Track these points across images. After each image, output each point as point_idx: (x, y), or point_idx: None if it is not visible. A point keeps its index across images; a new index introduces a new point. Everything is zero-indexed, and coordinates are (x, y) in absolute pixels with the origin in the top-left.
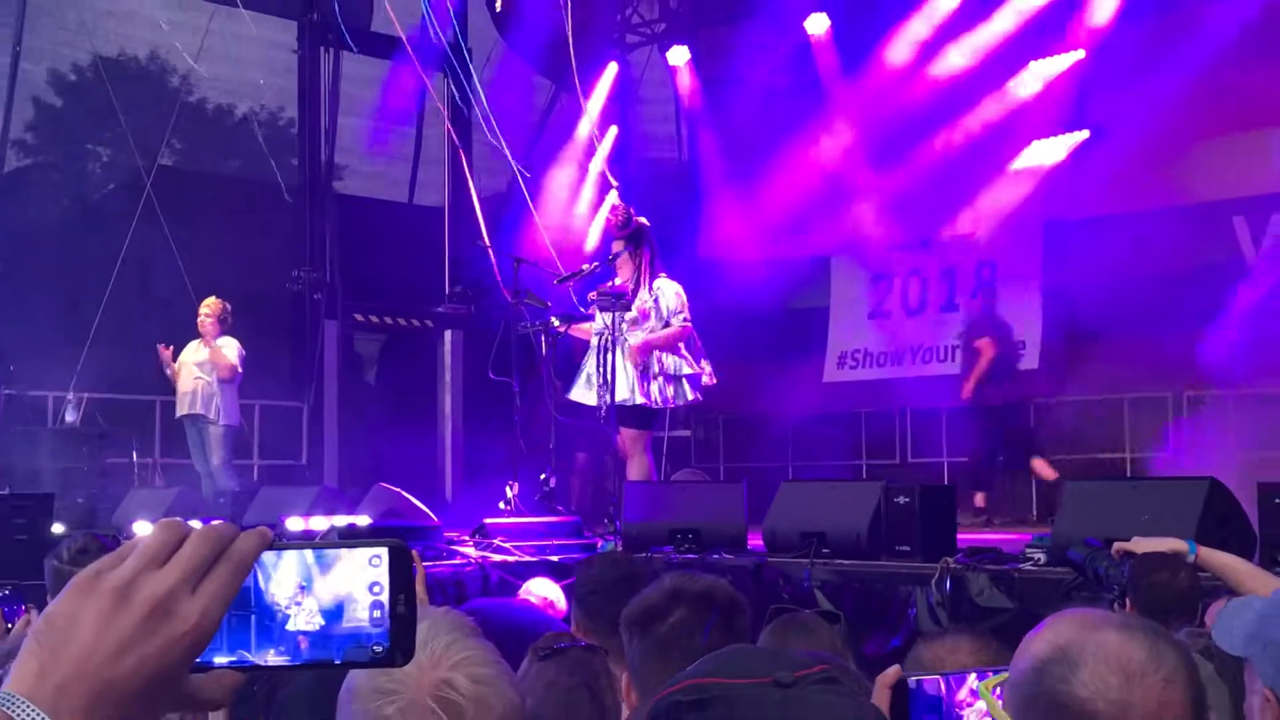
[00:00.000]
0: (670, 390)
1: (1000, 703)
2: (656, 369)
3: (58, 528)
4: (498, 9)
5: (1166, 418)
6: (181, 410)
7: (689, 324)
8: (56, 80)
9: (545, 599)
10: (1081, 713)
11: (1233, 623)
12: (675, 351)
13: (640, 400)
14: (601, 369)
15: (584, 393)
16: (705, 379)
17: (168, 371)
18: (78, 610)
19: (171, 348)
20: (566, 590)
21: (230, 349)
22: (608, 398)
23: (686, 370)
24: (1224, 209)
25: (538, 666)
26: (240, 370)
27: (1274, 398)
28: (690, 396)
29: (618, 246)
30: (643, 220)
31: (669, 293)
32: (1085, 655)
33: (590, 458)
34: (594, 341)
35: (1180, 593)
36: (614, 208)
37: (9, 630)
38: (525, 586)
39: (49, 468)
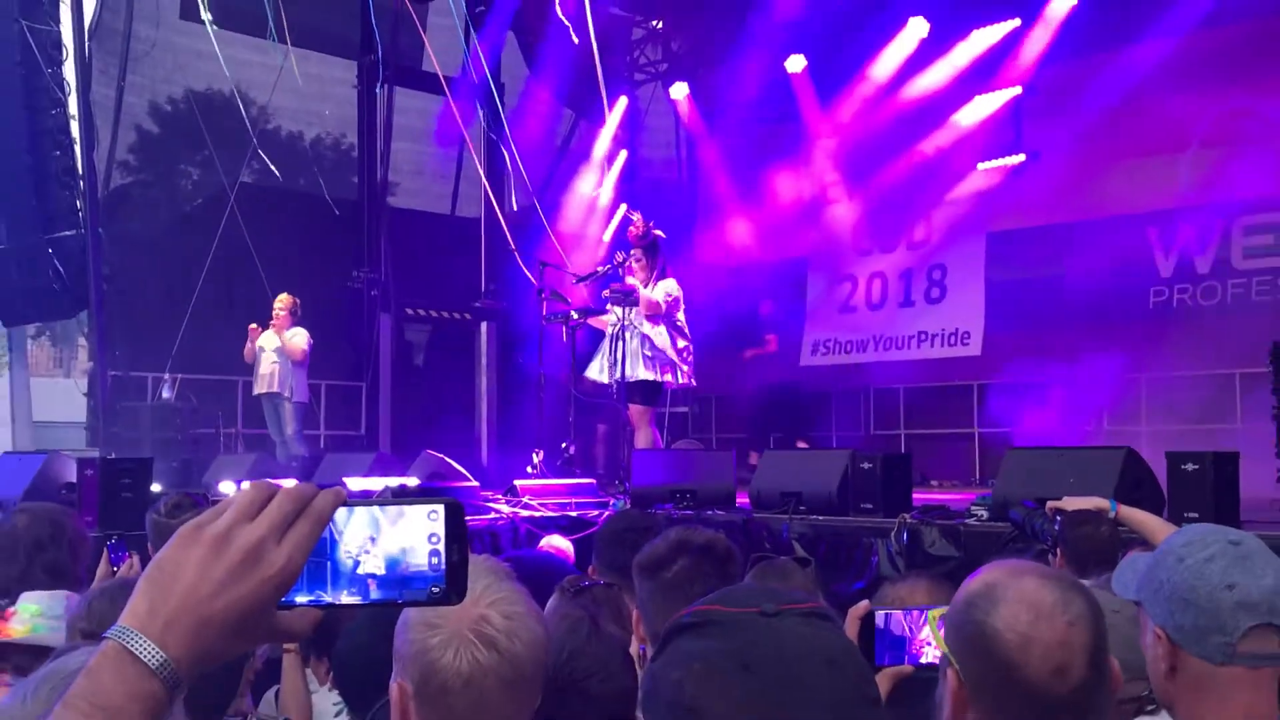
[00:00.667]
0: (668, 375)
1: (941, 632)
2: (650, 351)
3: (156, 487)
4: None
5: (1096, 392)
6: (260, 389)
7: (672, 305)
8: (154, 111)
9: (559, 549)
10: (995, 641)
11: (1126, 574)
12: (672, 331)
13: (645, 376)
14: (613, 353)
15: (599, 373)
16: (683, 377)
17: (247, 348)
18: (182, 557)
19: (259, 329)
20: (576, 544)
21: (300, 338)
22: (618, 376)
23: (672, 362)
24: (1139, 221)
25: (565, 602)
26: (309, 355)
27: (1180, 380)
28: (681, 381)
29: (636, 253)
30: (659, 233)
31: (663, 286)
32: (1006, 595)
33: (609, 429)
34: (608, 330)
35: (1102, 543)
36: (634, 222)
37: (114, 572)
38: (544, 540)
39: (149, 437)
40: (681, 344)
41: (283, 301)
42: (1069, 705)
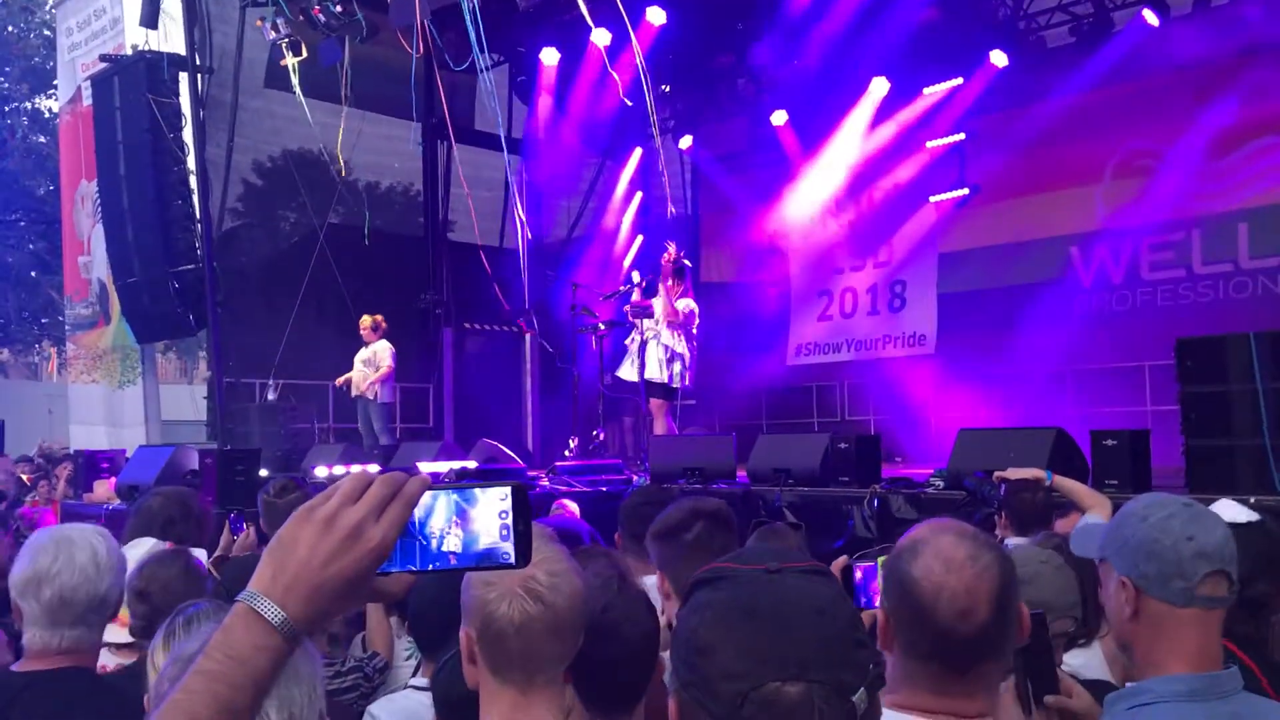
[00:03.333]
0: (686, 377)
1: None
2: (669, 355)
3: (263, 472)
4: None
5: (1031, 382)
6: (355, 393)
7: (689, 318)
8: (257, 167)
9: (569, 510)
10: (913, 587)
11: (1083, 539)
12: (688, 339)
13: (663, 379)
14: (640, 357)
15: (627, 371)
16: (689, 378)
17: (340, 382)
18: (298, 534)
19: (343, 380)
20: (605, 514)
21: (385, 351)
22: (643, 376)
23: (684, 365)
24: (1063, 241)
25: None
26: (393, 370)
27: (1101, 371)
28: (687, 383)
29: (667, 278)
30: (687, 261)
31: (685, 302)
32: (925, 549)
33: (633, 420)
34: (636, 338)
35: (1039, 507)
36: (669, 253)
37: (234, 540)
38: (555, 503)
39: (257, 431)
40: (688, 354)
41: (368, 320)
42: (972, 644)
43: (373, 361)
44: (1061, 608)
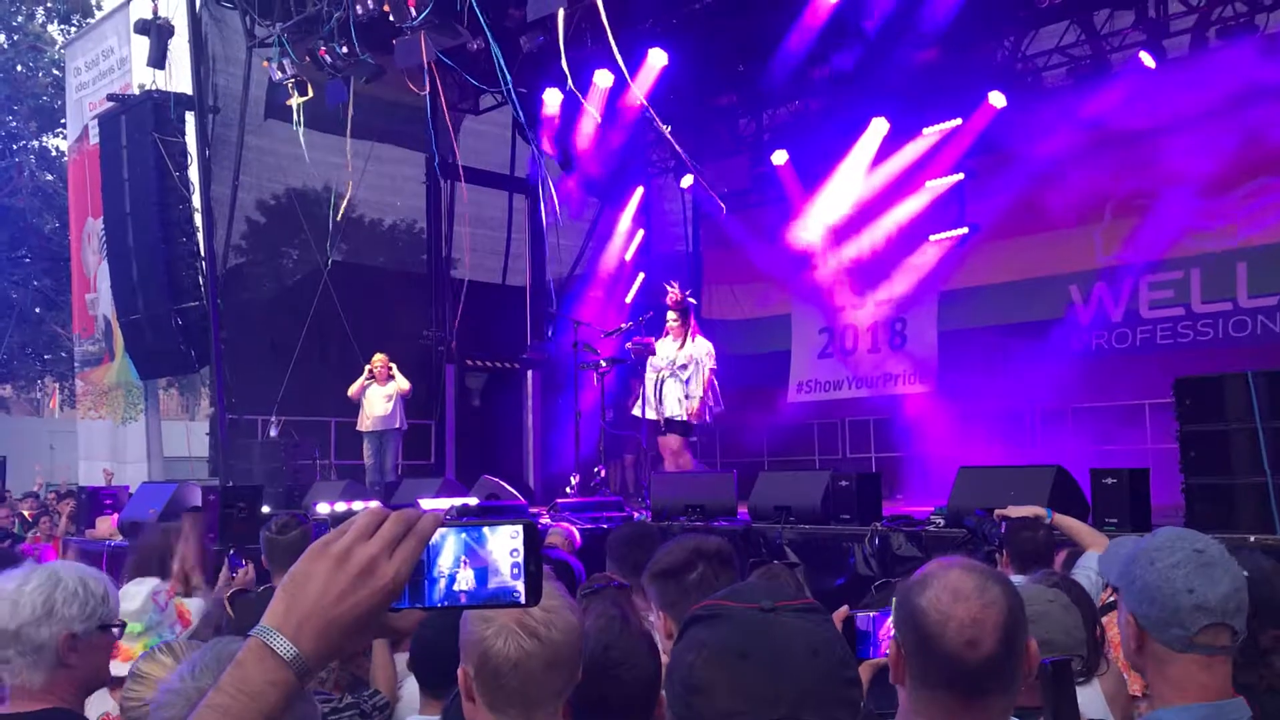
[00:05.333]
0: (708, 413)
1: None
2: (685, 395)
3: (265, 509)
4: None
5: (1030, 420)
6: (374, 428)
7: (713, 370)
8: (261, 205)
9: (570, 530)
10: (922, 618)
11: (1113, 561)
12: (711, 387)
13: (684, 415)
14: (656, 396)
15: (644, 410)
16: (712, 410)
17: (356, 388)
18: (312, 570)
19: (372, 379)
20: (583, 546)
21: (404, 380)
22: (661, 414)
23: (710, 402)
24: (1062, 280)
25: (586, 604)
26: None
27: (1101, 409)
28: (708, 419)
29: (673, 315)
30: (692, 299)
31: (703, 348)
32: (934, 581)
33: (634, 457)
34: (650, 376)
35: (1039, 545)
36: (672, 293)
37: (233, 578)
38: (557, 524)
39: (259, 468)
40: (709, 393)
41: (382, 359)
42: (979, 674)
43: (394, 396)
44: (1068, 646)
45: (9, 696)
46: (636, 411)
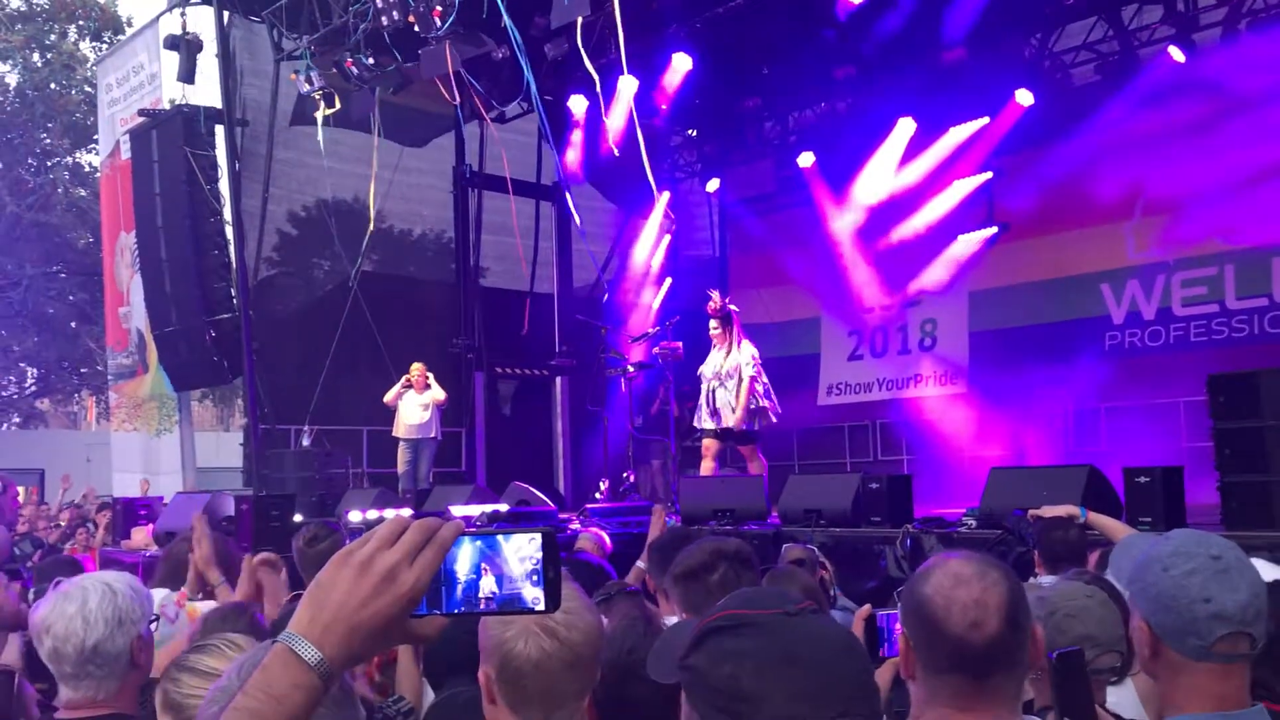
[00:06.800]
0: (755, 421)
1: None
2: (753, 403)
3: (298, 517)
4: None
5: (1063, 420)
6: (410, 435)
7: (757, 373)
8: (292, 216)
9: (600, 535)
10: (926, 604)
11: (1121, 564)
12: (752, 394)
13: (742, 427)
14: (710, 404)
15: (703, 421)
16: (771, 414)
17: (392, 395)
18: (335, 577)
19: (409, 385)
20: (613, 551)
21: (440, 390)
22: (712, 422)
23: (763, 404)
24: (1093, 279)
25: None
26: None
27: (1133, 408)
28: (771, 420)
29: (714, 324)
30: (733, 307)
31: (746, 353)
32: (935, 571)
33: (661, 462)
34: (705, 386)
35: (1072, 544)
36: (713, 300)
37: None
38: (587, 529)
39: (292, 477)
40: (760, 389)
41: (420, 368)
42: (985, 654)
43: (430, 405)
44: (1107, 642)
45: (68, 705)
46: (699, 423)
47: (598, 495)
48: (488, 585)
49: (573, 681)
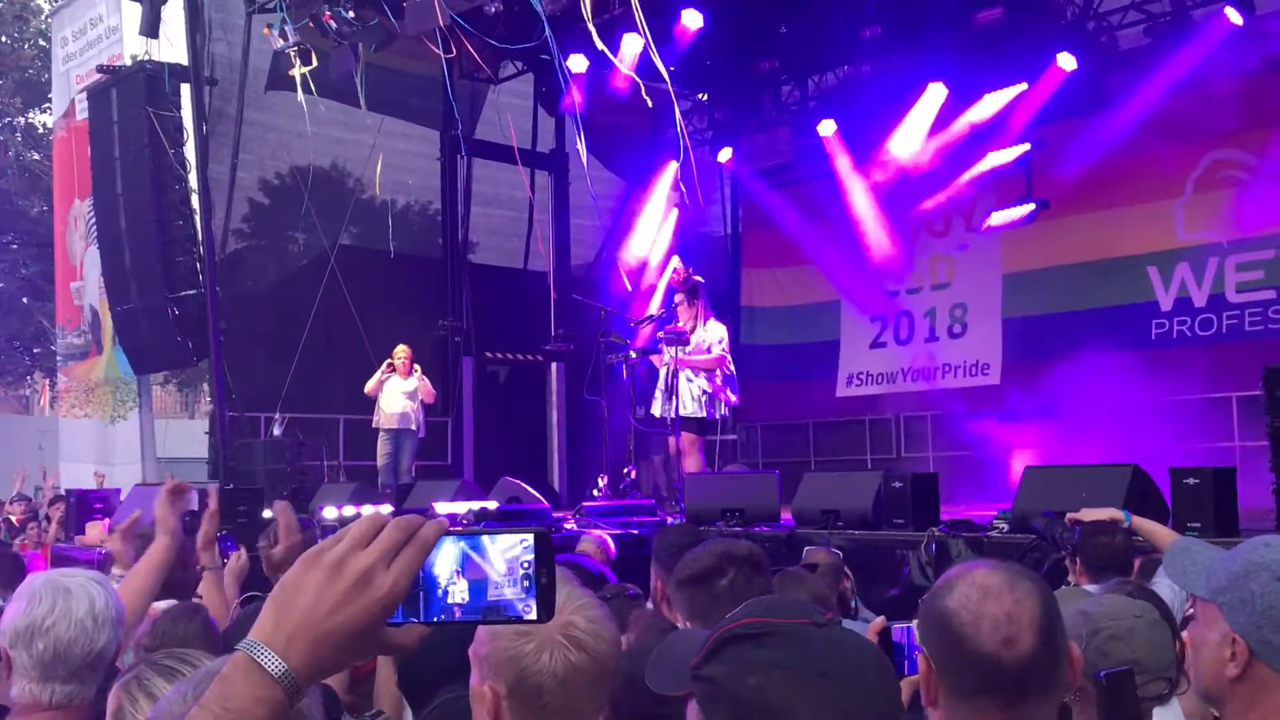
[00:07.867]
0: (716, 408)
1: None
2: (701, 389)
3: (267, 513)
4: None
5: (1104, 415)
6: (390, 425)
7: (724, 356)
8: (264, 184)
9: (603, 539)
10: (951, 620)
11: (1186, 565)
12: (709, 379)
13: (700, 413)
14: (667, 389)
15: (660, 408)
16: (725, 403)
17: (373, 384)
18: (303, 580)
19: (391, 370)
20: (631, 557)
21: (426, 381)
22: (671, 411)
23: (708, 389)
24: (1139, 261)
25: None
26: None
27: (1181, 403)
28: (723, 412)
29: (679, 297)
30: (699, 278)
31: (714, 331)
32: (959, 582)
33: (664, 457)
34: (663, 370)
35: (1117, 551)
36: (676, 270)
37: (224, 563)
38: (588, 532)
39: (261, 469)
40: (719, 379)
41: (405, 351)
42: (1019, 675)
43: (416, 394)
44: (1156, 668)
45: (15, 710)
46: (655, 410)
47: (595, 493)
48: (473, 591)
49: (596, 695)
